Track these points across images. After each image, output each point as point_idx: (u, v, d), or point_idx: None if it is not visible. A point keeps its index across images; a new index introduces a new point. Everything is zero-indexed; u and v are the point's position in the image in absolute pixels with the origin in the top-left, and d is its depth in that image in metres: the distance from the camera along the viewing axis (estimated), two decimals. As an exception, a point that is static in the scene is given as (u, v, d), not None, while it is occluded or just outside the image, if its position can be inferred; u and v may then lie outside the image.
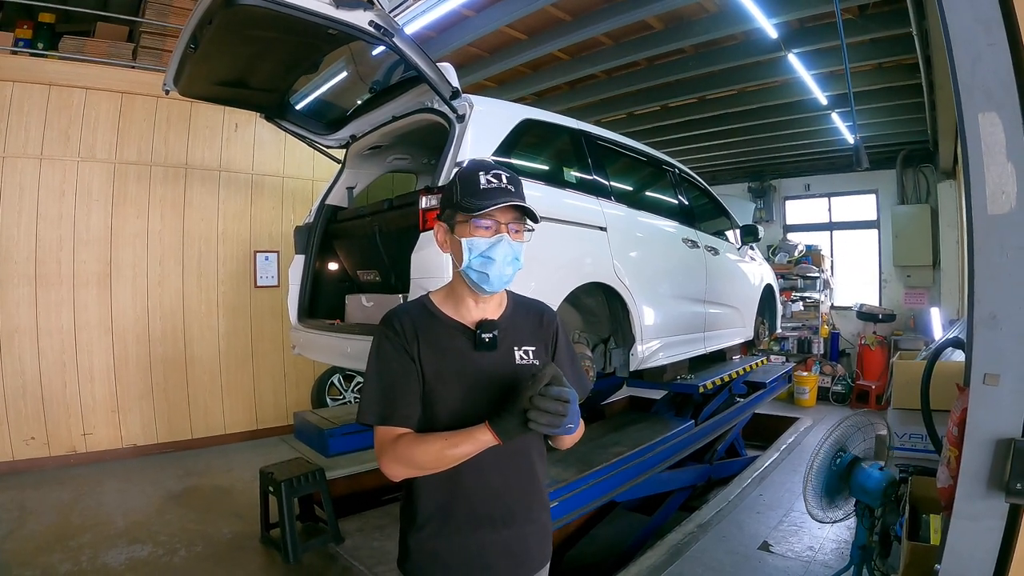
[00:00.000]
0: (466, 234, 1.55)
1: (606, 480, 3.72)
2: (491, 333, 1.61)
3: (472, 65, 6.05)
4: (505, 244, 1.56)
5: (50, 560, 3.94)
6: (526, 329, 1.71)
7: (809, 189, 10.83)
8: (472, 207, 1.51)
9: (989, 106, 2.11)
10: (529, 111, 3.57)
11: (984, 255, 2.16)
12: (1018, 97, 2.07)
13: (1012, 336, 2.09)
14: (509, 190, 1.56)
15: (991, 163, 2.12)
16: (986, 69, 2.11)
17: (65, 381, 5.87)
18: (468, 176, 1.57)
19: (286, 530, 3.96)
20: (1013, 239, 2.09)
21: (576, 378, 1.73)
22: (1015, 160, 2.08)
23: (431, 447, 1.48)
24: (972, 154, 2.14)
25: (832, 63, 5.85)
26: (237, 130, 6.84)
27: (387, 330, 1.60)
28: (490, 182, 1.55)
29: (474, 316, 1.64)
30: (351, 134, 4.03)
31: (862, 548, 3.32)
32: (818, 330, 10.07)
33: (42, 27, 6.19)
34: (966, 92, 2.15)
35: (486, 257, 1.55)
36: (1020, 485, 2.00)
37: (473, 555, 1.61)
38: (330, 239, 4.17)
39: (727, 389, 5.61)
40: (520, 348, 1.67)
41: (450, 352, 1.59)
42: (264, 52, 3.11)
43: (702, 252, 4.69)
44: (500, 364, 1.62)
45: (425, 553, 1.61)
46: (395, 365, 1.57)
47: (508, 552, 1.65)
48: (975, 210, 2.15)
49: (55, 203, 5.84)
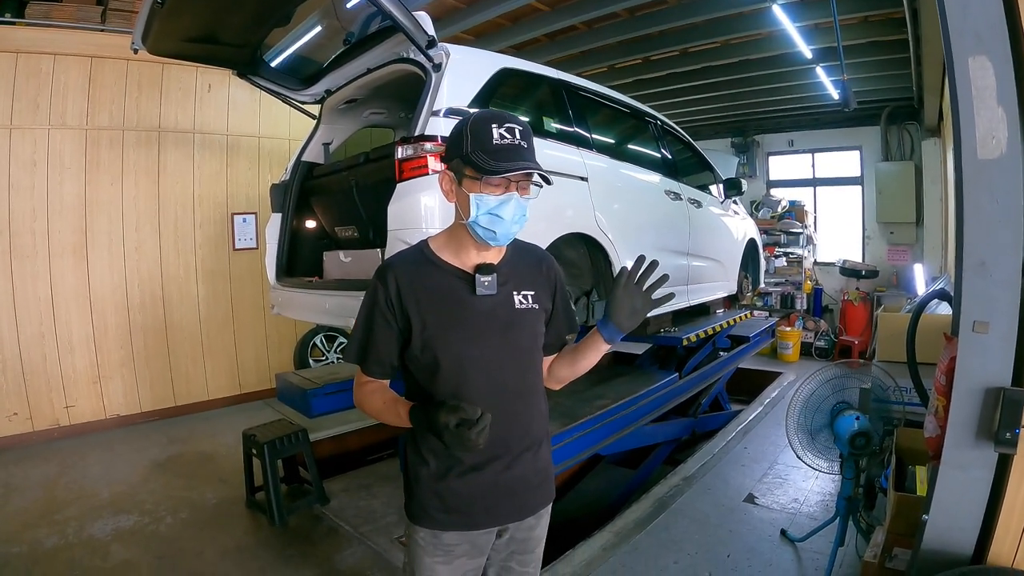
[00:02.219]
0: (475, 189, 1.54)
1: (591, 433, 3.74)
2: (489, 277, 1.63)
3: (449, 17, 5.88)
4: (515, 202, 1.57)
5: (36, 535, 3.91)
6: (526, 274, 1.73)
7: (792, 145, 10.75)
8: (485, 167, 1.50)
9: (979, 49, 2.08)
10: (508, 60, 3.48)
11: (974, 201, 2.15)
12: (1009, 40, 2.04)
13: (1001, 283, 2.10)
14: (522, 147, 1.54)
15: (981, 107, 2.10)
16: (977, 12, 2.08)
17: (45, 354, 5.79)
18: (480, 127, 1.53)
19: (271, 492, 3.95)
20: (1003, 184, 2.08)
21: (568, 320, 1.86)
22: (1005, 104, 2.06)
23: (374, 406, 1.65)
24: (962, 98, 2.13)
25: (818, 15, 5.74)
26: (211, 91, 6.66)
27: (377, 283, 1.62)
28: (503, 137, 1.52)
29: (474, 262, 1.65)
30: (326, 88, 3.93)
31: (848, 499, 3.37)
32: (801, 286, 10.10)
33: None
34: (956, 36, 2.12)
35: (494, 215, 1.55)
36: (1009, 434, 2.02)
37: (477, 496, 1.65)
38: (307, 196, 4.10)
39: (711, 343, 5.63)
40: (519, 292, 1.70)
41: (449, 298, 1.61)
42: (234, 5, 3.03)
43: (685, 205, 4.67)
44: (500, 307, 1.65)
45: (430, 496, 1.65)
46: (377, 323, 1.61)
47: (511, 492, 1.68)
48: (965, 155, 2.14)
49: (27, 173, 5.68)
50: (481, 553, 1.72)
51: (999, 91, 2.06)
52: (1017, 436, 2.02)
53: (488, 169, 1.49)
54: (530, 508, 1.74)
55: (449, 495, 1.63)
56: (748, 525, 3.98)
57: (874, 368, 3.47)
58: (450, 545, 1.66)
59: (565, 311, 1.84)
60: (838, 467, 3.39)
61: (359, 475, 4.74)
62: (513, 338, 1.67)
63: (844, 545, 3.35)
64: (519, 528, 1.75)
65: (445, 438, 1.41)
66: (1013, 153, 2.05)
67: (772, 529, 3.87)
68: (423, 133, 2.84)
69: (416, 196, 2.78)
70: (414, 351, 1.61)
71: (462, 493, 1.64)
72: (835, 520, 3.43)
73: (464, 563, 1.69)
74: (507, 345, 1.66)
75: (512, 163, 1.50)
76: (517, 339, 1.68)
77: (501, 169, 1.49)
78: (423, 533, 1.66)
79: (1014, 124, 2.04)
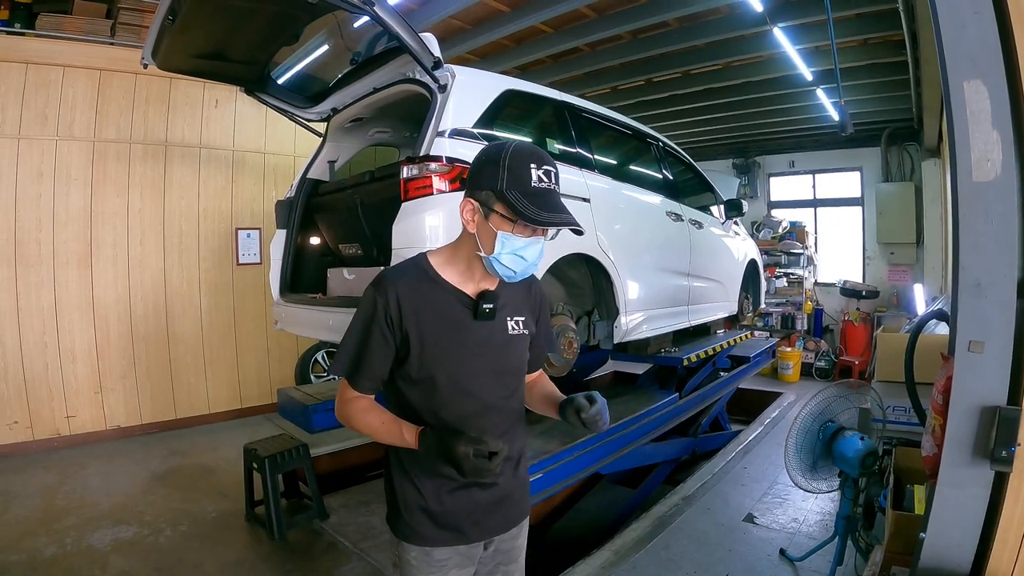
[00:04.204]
0: (505, 228, 1.52)
1: (590, 452, 3.73)
2: (491, 304, 1.63)
3: (455, 38, 5.98)
4: (540, 246, 1.59)
5: (35, 544, 3.92)
6: (517, 299, 1.75)
7: (793, 166, 10.83)
8: (527, 213, 1.47)
9: (974, 73, 2.10)
10: (512, 82, 3.54)
11: (969, 222, 2.17)
12: (1004, 64, 2.06)
13: (997, 303, 2.11)
14: (556, 192, 1.55)
15: (976, 130, 2.12)
16: (971, 36, 2.10)
17: (47, 363, 5.82)
18: (519, 164, 1.51)
19: (271, 507, 3.96)
20: (998, 206, 2.10)
21: (549, 340, 1.94)
22: (1000, 127, 2.08)
23: (370, 422, 1.61)
24: (957, 122, 2.15)
25: (817, 38, 5.81)
26: (218, 106, 6.74)
27: (377, 295, 1.59)
28: (541, 180, 1.51)
29: (477, 286, 1.66)
30: (332, 107, 3.98)
31: (846, 519, 3.37)
32: (802, 306, 10.13)
33: (18, 7, 6.04)
34: (952, 59, 2.15)
35: (518, 255, 1.55)
36: (1005, 452, 2.02)
37: (467, 513, 1.68)
38: (312, 213, 4.14)
39: (711, 363, 5.64)
40: (512, 318, 1.72)
41: (451, 321, 1.61)
42: (243, 23, 3.08)
43: (686, 226, 4.68)
44: (495, 334, 1.68)
45: (420, 515, 1.66)
46: (375, 338, 1.58)
47: (496, 506, 1.73)
48: (960, 177, 2.16)
49: (33, 183, 5.74)
50: (471, 563, 1.75)
51: (994, 114, 2.08)
52: (1013, 454, 2.03)
53: (531, 218, 1.47)
54: (514, 520, 1.81)
55: (440, 513, 1.65)
56: (747, 544, 3.99)
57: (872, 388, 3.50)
58: (442, 560, 1.67)
59: (547, 331, 1.91)
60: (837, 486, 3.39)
61: (359, 491, 4.74)
62: (505, 362, 1.71)
63: (843, 564, 3.36)
64: (503, 539, 1.80)
65: (465, 467, 1.43)
66: (1008, 176, 2.08)
67: (771, 548, 3.88)
68: (428, 154, 2.88)
69: (421, 216, 2.82)
70: (409, 369, 1.61)
71: (453, 510, 1.66)
72: (834, 539, 3.44)
73: (456, 574, 1.71)
74: (499, 368, 1.69)
75: (554, 214, 1.49)
76: (508, 363, 1.72)
77: (546, 221, 1.49)
78: (415, 552, 1.67)
79: (1008, 147, 2.07)
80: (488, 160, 1.55)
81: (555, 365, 3.46)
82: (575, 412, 1.68)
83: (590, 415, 1.65)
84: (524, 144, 1.57)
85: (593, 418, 1.65)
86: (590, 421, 1.65)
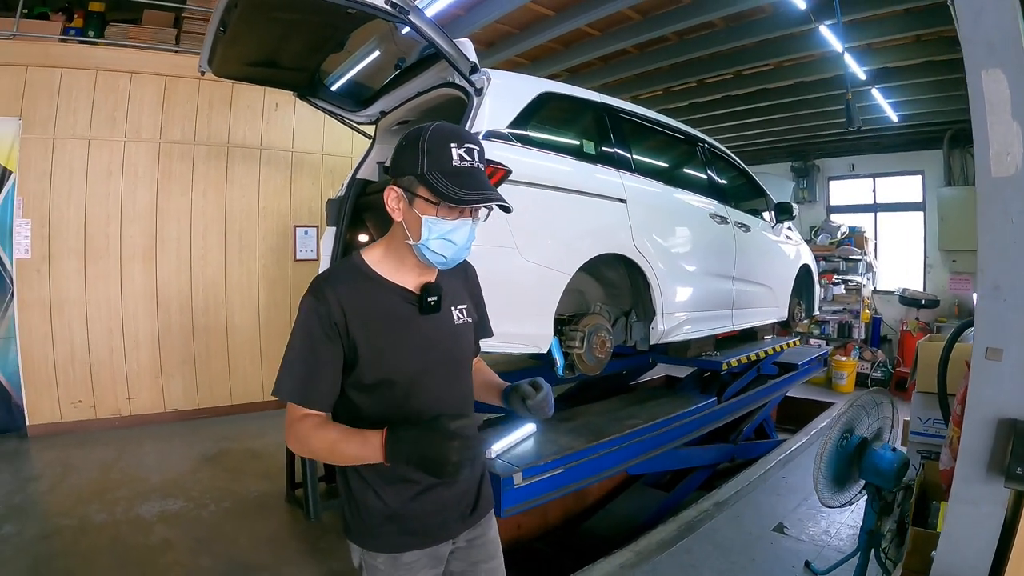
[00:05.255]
0: (429, 212, 1.47)
1: (617, 451, 3.72)
2: (436, 297, 1.60)
3: (502, 42, 6.07)
4: (468, 228, 1.53)
5: (87, 511, 4.21)
6: (457, 287, 1.73)
7: (853, 169, 10.50)
8: (448, 193, 1.43)
9: (992, 61, 2.00)
10: (548, 84, 3.59)
11: (988, 221, 2.06)
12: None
13: (1017, 308, 1.99)
14: (480, 171, 1.50)
15: (995, 122, 2.01)
16: (990, 22, 2.00)
17: (111, 348, 6.19)
18: (437, 145, 1.46)
19: (308, 488, 4.11)
20: (1018, 203, 1.98)
21: (485, 325, 1.90)
22: (1021, 119, 1.95)
23: (327, 437, 1.48)
24: (976, 113, 2.05)
25: (867, 35, 5.68)
26: (277, 110, 7.04)
27: (317, 304, 1.51)
28: (463, 159, 1.46)
29: (414, 280, 1.61)
30: (380, 110, 4.11)
31: (869, 533, 3.26)
32: (859, 314, 9.81)
33: (92, 16, 6.46)
34: (968, 46, 2.05)
35: (447, 239, 1.50)
36: (1021, 469, 1.89)
37: (431, 514, 1.63)
38: (360, 212, 4.28)
39: (755, 369, 5.54)
40: (456, 308, 1.69)
41: (398, 319, 1.57)
42: (289, 33, 3.23)
43: (731, 228, 4.62)
44: (443, 326, 1.65)
45: (384, 522, 1.59)
46: (321, 347, 1.50)
47: (459, 503, 1.70)
48: (979, 173, 2.06)
49: (103, 182, 6.12)
50: (440, 562, 1.71)
51: (1014, 105, 1.96)
52: None
53: (451, 197, 1.42)
54: (479, 514, 1.76)
55: (406, 518, 1.60)
56: (773, 554, 3.92)
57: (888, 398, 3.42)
58: (410, 563, 1.62)
59: (483, 317, 1.88)
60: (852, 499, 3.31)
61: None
62: (455, 353, 1.68)
63: None
64: (474, 535, 1.76)
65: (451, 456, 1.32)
66: None
67: (797, 560, 3.79)
68: (461, 155, 2.97)
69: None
70: (359, 375, 1.54)
71: (417, 514, 1.61)
72: (857, 554, 3.33)
73: (425, 574, 1.67)
74: (450, 360, 1.66)
75: (476, 192, 1.45)
76: (458, 353, 1.69)
77: (467, 199, 1.44)
78: (382, 559, 1.61)
79: None
80: (408, 144, 1.50)
81: (587, 363, 3.49)
82: (520, 399, 1.66)
83: (536, 402, 1.63)
84: (444, 124, 1.52)
85: (539, 404, 1.63)
86: (535, 408, 1.63)
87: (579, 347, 3.42)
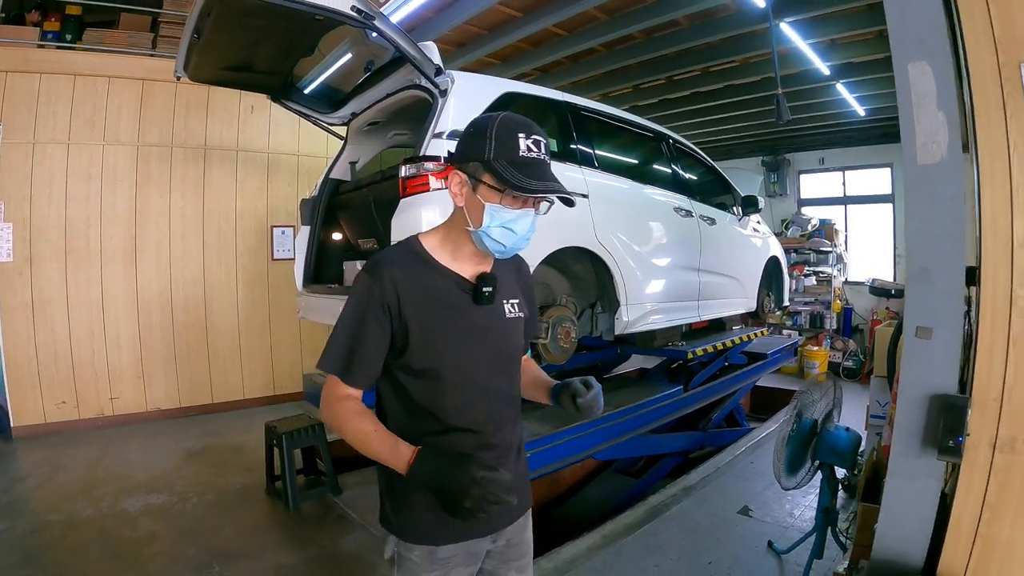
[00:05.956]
0: (493, 200, 1.47)
1: (583, 437, 3.85)
2: (491, 288, 1.58)
3: (473, 43, 6.19)
4: (530, 218, 1.52)
5: (74, 507, 4.34)
6: (510, 281, 1.71)
7: (823, 163, 10.68)
8: (515, 182, 1.42)
9: (920, 54, 2.10)
10: (511, 84, 3.73)
11: (915, 207, 2.19)
12: (949, 44, 2.05)
13: (944, 289, 2.11)
14: (546, 163, 1.49)
15: (922, 112, 2.12)
16: (916, 16, 2.10)
17: (94, 349, 6.29)
18: (507, 134, 1.46)
19: (287, 480, 4.27)
20: (944, 190, 2.09)
21: (535, 323, 1.88)
22: (946, 109, 2.07)
23: (362, 428, 1.48)
24: (903, 104, 2.15)
25: (829, 31, 5.80)
26: (253, 112, 7.14)
27: (372, 283, 1.51)
28: (530, 149, 1.45)
29: (471, 268, 1.60)
30: (351, 111, 4.24)
31: (825, 511, 3.40)
32: (830, 305, 10.02)
33: (69, 19, 6.51)
34: (896, 41, 2.16)
35: (508, 228, 1.49)
36: (952, 442, 2.01)
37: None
38: (334, 211, 4.39)
39: (723, 358, 5.70)
40: (508, 301, 1.67)
41: (452, 307, 1.55)
42: (261, 38, 3.36)
43: (696, 222, 4.74)
44: (495, 318, 1.63)
45: (425, 513, 1.55)
46: (369, 326, 1.50)
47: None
48: (906, 161, 2.17)
49: (83, 185, 6.22)
50: (476, 560, 1.67)
51: (939, 96, 2.08)
52: (961, 444, 2.01)
53: (518, 185, 1.42)
54: (519, 510, 1.73)
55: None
56: (737, 536, 4.06)
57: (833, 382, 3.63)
58: (446, 558, 1.59)
59: (534, 314, 1.86)
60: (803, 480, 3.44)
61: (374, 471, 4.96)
62: (505, 347, 1.65)
63: (822, 558, 3.39)
64: (512, 533, 1.73)
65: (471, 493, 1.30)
66: (954, 158, 2.07)
67: (760, 541, 3.94)
68: (425, 154, 3.11)
69: (418, 210, 3.04)
70: (409, 359, 1.52)
71: None
72: (814, 532, 3.47)
73: (460, 572, 1.63)
74: (500, 354, 1.63)
75: (543, 182, 1.44)
76: (508, 347, 1.66)
77: (533, 188, 1.43)
78: (418, 551, 1.58)
79: (955, 129, 2.06)
80: (476, 131, 1.50)
81: (552, 353, 3.63)
82: (571, 397, 1.63)
83: (586, 400, 1.61)
84: (512, 114, 1.52)
85: (589, 403, 1.61)
86: (585, 407, 1.61)
87: (544, 337, 3.57)
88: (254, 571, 3.55)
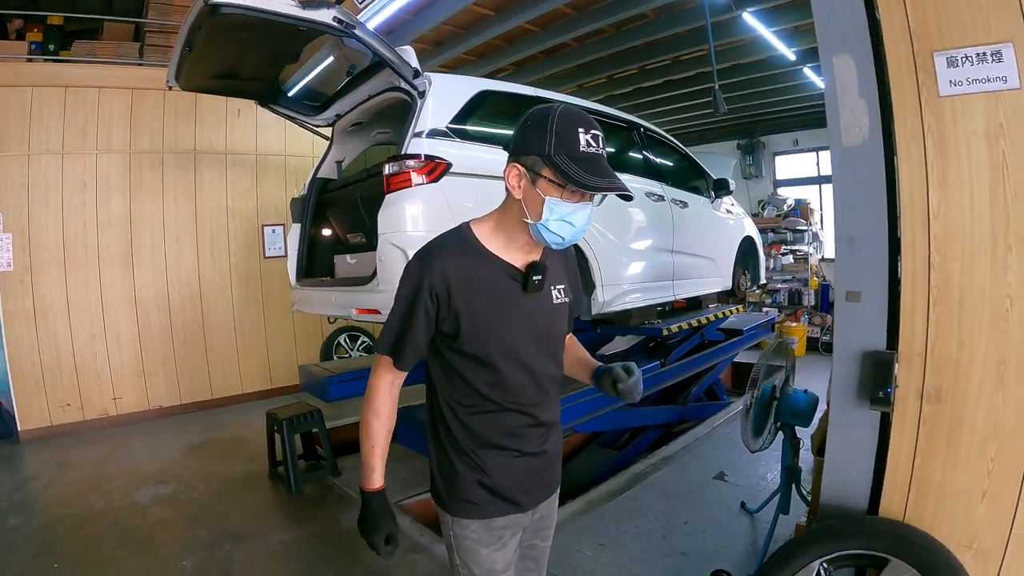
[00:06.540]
0: (553, 194, 1.48)
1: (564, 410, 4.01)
2: (541, 276, 1.61)
3: (449, 41, 6.39)
4: (588, 211, 1.54)
5: (87, 500, 4.56)
6: (557, 266, 1.74)
7: (797, 144, 10.97)
8: (577, 178, 1.43)
9: (844, 48, 2.34)
10: (485, 83, 3.94)
11: (841, 184, 2.43)
12: (870, 38, 2.29)
13: (869, 256, 2.35)
14: (603, 158, 1.50)
15: (845, 100, 2.36)
16: (841, 14, 2.33)
17: (95, 352, 6.52)
18: (567, 128, 1.46)
19: (288, 463, 4.53)
20: (866, 168, 2.35)
21: (579, 304, 1.95)
22: (866, 96, 2.31)
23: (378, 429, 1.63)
24: (828, 92, 2.40)
25: (792, 19, 6.01)
26: (240, 115, 7.35)
27: (423, 271, 1.54)
28: (590, 145, 1.47)
29: (522, 257, 1.63)
30: (336, 113, 4.43)
31: (788, 468, 3.60)
32: (808, 282, 10.28)
33: (51, 29, 6.68)
34: (822, 36, 2.39)
35: (567, 221, 1.51)
36: (882, 393, 2.23)
37: (520, 480, 1.70)
38: (323, 208, 4.59)
39: (700, 335, 5.90)
40: (555, 287, 1.71)
41: (502, 295, 1.58)
42: (249, 48, 3.54)
43: (668, 205, 4.93)
44: (543, 304, 1.67)
45: (477, 488, 1.66)
46: (416, 313, 1.55)
47: (540, 475, 1.76)
48: (832, 143, 2.42)
49: (78, 193, 6.42)
50: (522, 531, 1.77)
51: (860, 85, 2.31)
52: (890, 395, 2.23)
53: (579, 182, 1.42)
54: (554, 485, 1.84)
55: (498, 486, 1.66)
56: (712, 498, 4.32)
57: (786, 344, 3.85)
58: (501, 529, 1.68)
59: (579, 295, 1.92)
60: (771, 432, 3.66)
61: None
62: (551, 331, 1.71)
63: (788, 513, 3.59)
64: (546, 506, 1.82)
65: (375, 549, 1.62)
66: (874, 140, 2.31)
67: (734, 503, 4.19)
68: (407, 152, 3.34)
69: (401, 205, 3.27)
70: (460, 344, 1.58)
71: (509, 482, 1.67)
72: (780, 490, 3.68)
73: (512, 544, 1.72)
74: (546, 338, 1.69)
75: (604, 178, 1.45)
76: (554, 331, 1.72)
77: (595, 185, 1.44)
78: (475, 526, 1.66)
79: (874, 113, 2.29)
80: (535, 124, 1.50)
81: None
82: (612, 382, 1.69)
83: (627, 385, 1.67)
84: (570, 107, 1.52)
85: (629, 388, 1.67)
86: (625, 391, 1.67)
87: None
88: (262, 548, 3.80)
